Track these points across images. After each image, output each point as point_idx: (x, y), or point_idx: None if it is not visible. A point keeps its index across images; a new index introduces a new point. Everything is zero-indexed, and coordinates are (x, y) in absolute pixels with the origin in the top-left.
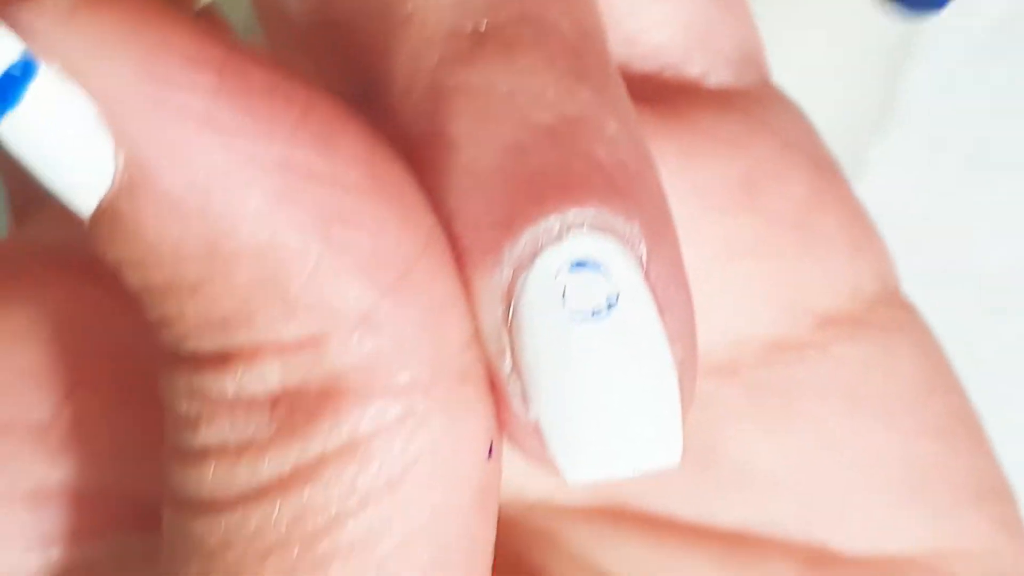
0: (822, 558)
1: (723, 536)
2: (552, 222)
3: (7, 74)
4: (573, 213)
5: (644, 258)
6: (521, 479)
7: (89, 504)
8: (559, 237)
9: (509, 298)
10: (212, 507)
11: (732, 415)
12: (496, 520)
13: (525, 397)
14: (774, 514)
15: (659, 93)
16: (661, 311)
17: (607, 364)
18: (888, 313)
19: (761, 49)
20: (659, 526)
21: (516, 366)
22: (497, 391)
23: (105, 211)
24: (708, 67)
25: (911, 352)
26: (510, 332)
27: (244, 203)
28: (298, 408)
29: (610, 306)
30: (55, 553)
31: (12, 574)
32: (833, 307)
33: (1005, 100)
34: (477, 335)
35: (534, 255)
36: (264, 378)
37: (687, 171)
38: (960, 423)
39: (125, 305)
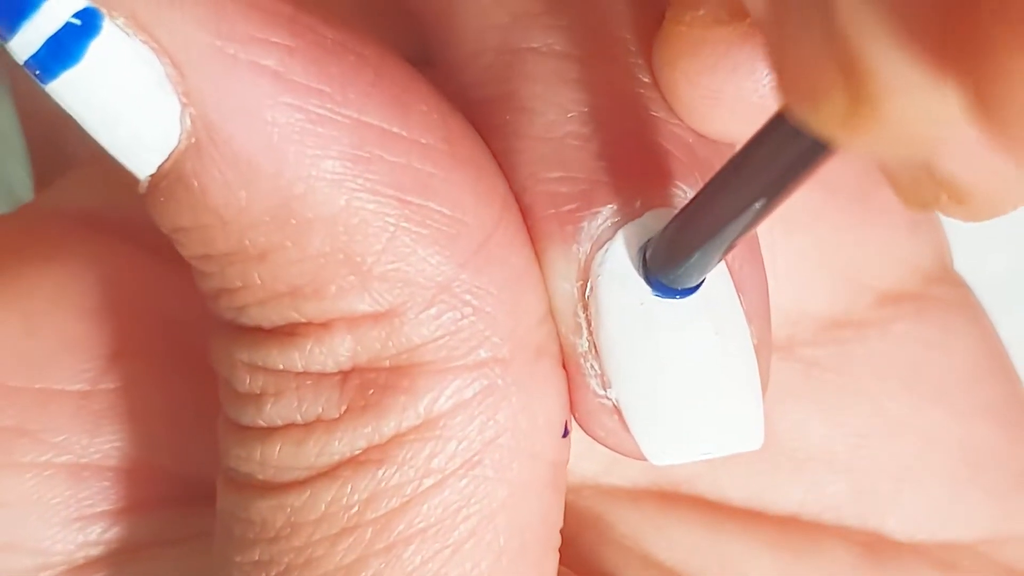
0: (877, 544)
1: (776, 520)
2: (633, 198)
3: (67, 27)
4: (654, 190)
5: None
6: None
7: (132, 479)
8: (639, 213)
9: (586, 274)
10: (277, 488)
11: (787, 394)
12: (564, 500)
13: (603, 377)
14: (829, 498)
15: None
16: (738, 290)
17: (693, 343)
18: (946, 291)
19: None
20: (711, 510)
21: (594, 345)
22: (569, 370)
23: (167, 173)
24: None
25: (969, 332)
26: (586, 309)
27: (319, 165)
28: (370, 384)
29: (701, 283)
30: (96, 529)
31: (51, 550)
32: (893, 284)
33: None
34: (551, 311)
35: (615, 230)
36: (334, 352)
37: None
38: (1015, 407)
39: (167, 271)
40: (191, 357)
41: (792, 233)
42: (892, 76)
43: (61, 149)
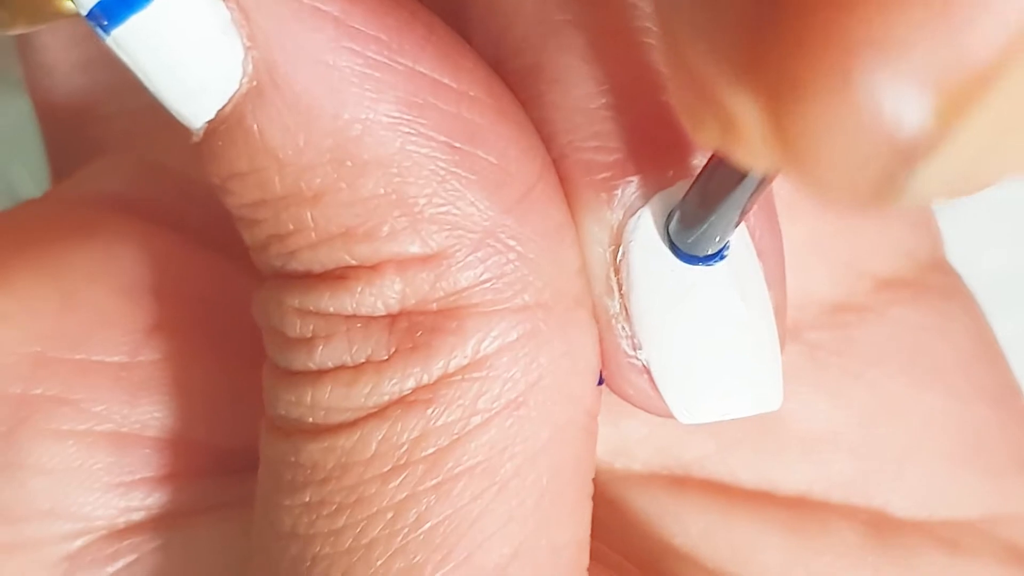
0: (882, 522)
1: (785, 501)
2: (666, 168)
3: None
4: (685, 161)
5: None
6: None
7: (171, 449)
8: (671, 182)
9: (619, 239)
10: (328, 430)
11: (794, 376)
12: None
13: (634, 339)
14: (835, 478)
15: None
16: (759, 255)
17: (720, 308)
18: (941, 279)
19: None
20: (721, 492)
21: (625, 307)
22: (601, 331)
23: (226, 118)
24: None
25: (964, 318)
26: (618, 273)
27: (376, 108)
28: (419, 326)
29: (721, 251)
30: (136, 497)
31: (93, 516)
32: (891, 270)
33: None
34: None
35: (647, 198)
36: (384, 295)
37: None
38: (1008, 390)
39: (199, 252)
40: (223, 334)
41: (794, 222)
42: (732, 100)
43: (83, 140)
